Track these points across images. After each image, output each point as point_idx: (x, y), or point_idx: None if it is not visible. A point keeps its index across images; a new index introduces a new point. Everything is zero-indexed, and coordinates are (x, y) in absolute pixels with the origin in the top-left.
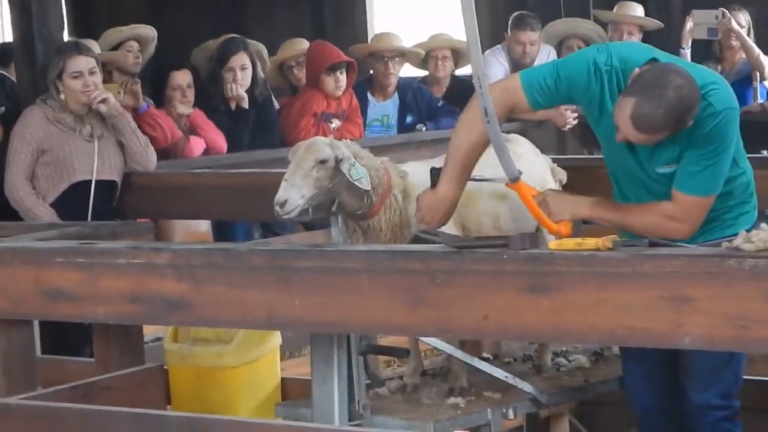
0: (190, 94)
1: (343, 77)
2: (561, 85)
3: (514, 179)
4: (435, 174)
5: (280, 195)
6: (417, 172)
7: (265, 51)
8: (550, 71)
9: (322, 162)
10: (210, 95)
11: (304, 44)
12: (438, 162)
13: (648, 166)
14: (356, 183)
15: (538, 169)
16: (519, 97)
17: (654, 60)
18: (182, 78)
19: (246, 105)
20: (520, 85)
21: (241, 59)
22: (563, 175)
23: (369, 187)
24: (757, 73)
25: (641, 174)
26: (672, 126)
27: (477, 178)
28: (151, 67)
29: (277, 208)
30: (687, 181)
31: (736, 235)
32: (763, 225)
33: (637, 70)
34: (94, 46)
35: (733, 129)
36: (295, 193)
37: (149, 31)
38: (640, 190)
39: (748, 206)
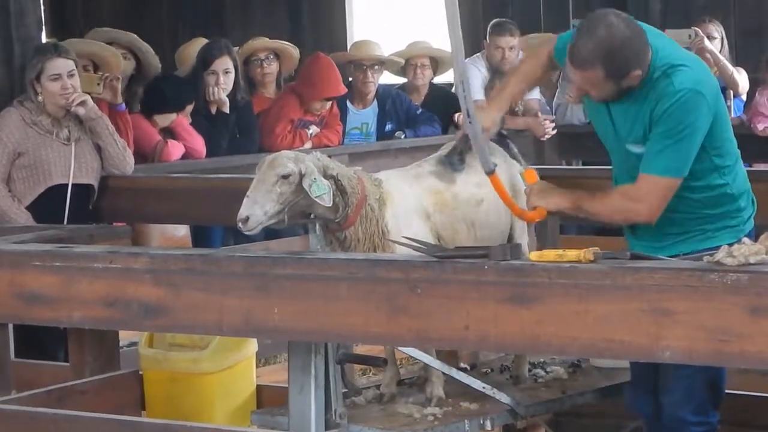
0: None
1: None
2: None
3: (489, 171)
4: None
5: (242, 212)
6: (392, 179)
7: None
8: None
9: (284, 177)
10: None
11: (266, 42)
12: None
13: (622, 138)
14: (317, 200)
15: (507, 173)
16: (552, 45)
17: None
18: (190, 108)
19: (227, 109)
20: (555, 37)
21: (224, 63)
22: None
23: (330, 204)
24: (731, 92)
25: (620, 148)
26: (603, 62)
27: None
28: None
29: (240, 224)
30: (648, 161)
31: (717, 247)
32: (745, 239)
33: None
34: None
35: (696, 113)
36: (257, 209)
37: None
38: (622, 167)
39: (735, 221)
